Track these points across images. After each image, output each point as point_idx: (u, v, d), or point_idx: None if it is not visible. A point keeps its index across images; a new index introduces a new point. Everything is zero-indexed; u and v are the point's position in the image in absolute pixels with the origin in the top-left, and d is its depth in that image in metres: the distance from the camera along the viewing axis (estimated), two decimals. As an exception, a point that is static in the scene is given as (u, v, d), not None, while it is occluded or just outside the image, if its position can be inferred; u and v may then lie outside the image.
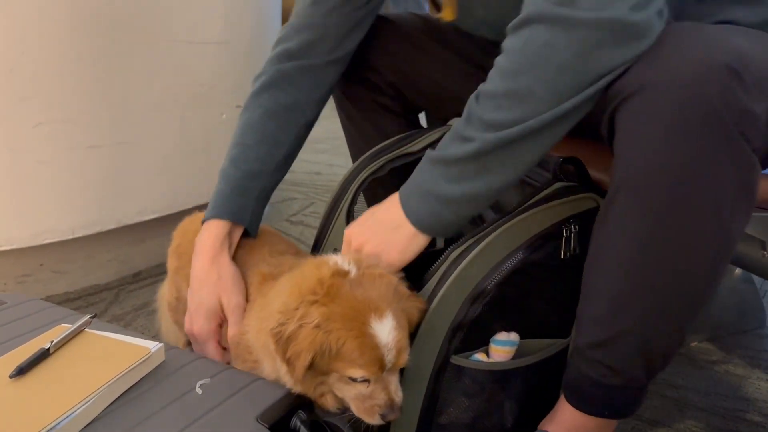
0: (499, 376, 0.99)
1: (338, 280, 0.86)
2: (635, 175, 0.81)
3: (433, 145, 1.34)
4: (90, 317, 0.92)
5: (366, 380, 0.84)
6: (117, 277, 1.81)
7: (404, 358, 0.85)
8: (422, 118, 1.52)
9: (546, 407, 1.01)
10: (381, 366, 0.83)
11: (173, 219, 1.87)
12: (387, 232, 0.94)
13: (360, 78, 1.35)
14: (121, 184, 1.70)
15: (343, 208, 1.23)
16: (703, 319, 1.59)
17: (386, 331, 0.83)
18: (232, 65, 1.92)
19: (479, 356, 0.98)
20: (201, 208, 1.92)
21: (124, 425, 0.74)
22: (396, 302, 0.87)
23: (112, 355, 0.84)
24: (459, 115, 1.22)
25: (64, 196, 1.61)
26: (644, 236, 0.83)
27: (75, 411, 0.73)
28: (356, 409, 0.86)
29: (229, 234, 1.12)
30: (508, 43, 0.83)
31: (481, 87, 0.86)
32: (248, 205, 1.15)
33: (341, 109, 1.44)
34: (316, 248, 1.26)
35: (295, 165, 1.31)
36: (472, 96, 0.87)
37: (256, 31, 2.01)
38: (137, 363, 0.82)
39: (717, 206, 0.79)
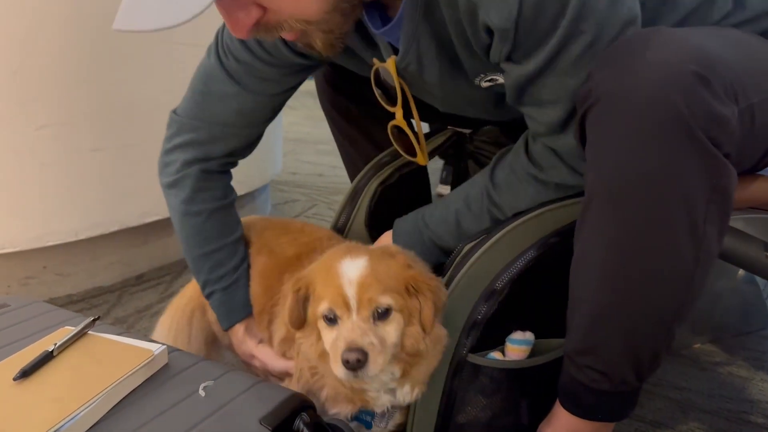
0: (515, 374, 1.00)
1: (342, 246, 0.94)
2: (606, 183, 0.81)
3: (437, 150, 1.35)
4: (93, 319, 0.92)
5: (334, 320, 0.86)
6: (120, 279, 1.81)
7: (369, 296, 0.85)
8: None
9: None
10: (344, 299, 0.85)
11: (176, 221, 1.88)
12: None
13: (349, 92, 1.36)
14: (124, 187, 1.70)
15: (355, 217, 1.25)
16: (706, 321, 1.59)
17: (352, 267, 0.87)
18: (234, 67, 1.92)
19: (495, 355, 0.99)
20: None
21: (127, 427, 0.74)
22: (383, 261, 0.89)
23: (116, 358, 0.84)
24: (451, 122, 1.23)
25: (68, 199, 1.61)
26: (619, 244, 0.83)
27: (79, 413, 0.73)
28: (331, 361, 0.86)
29: (247, 327, 1.18)
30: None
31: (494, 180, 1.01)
32: (245, 292, 1.20)
33: (332, 122, 1.45)
34: None
35: (298, 167, 1.32)
36: (489, 184, 1.01)
37: (259, 33, 2.02)
38: (141, 365, 0.82)
39: (689, 211, 0.79)
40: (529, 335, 1.00)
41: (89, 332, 0.91)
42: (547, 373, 1.01)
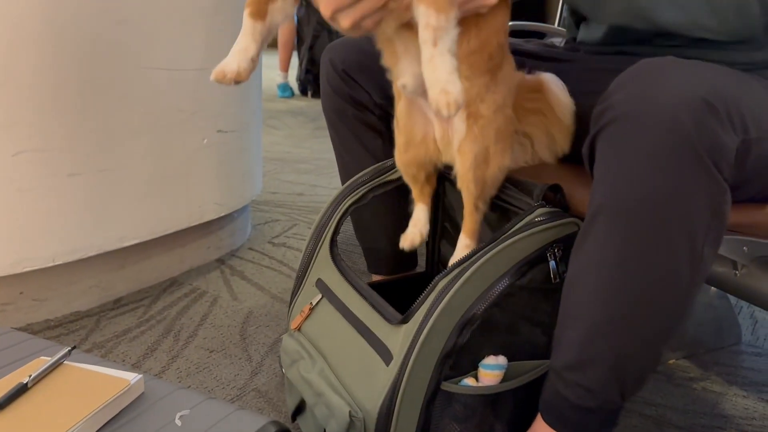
0: (489, 399, 1.00)
1: None
2: (612, 202, 0.84)
3: None
4: (69, 349, 0.92)
5: None
6: (98, 303, 1.80)
7: None
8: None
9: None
10: None
11: (154, 245, 1.88)
12: None
13: (348, 95, 1.38)
14: (102, 211, 1.69)
15: (326, 237, 1.25)
16: (681, 337, 1.61)
17: None
18: (212, 91, 1.93)
19: (468, 381, 1.00)
20: (183, 233, 1.94)
21: (103, 459, 0.74)
22: None
23: (92, 388, 0.84)
24: None
25: (45, 224, 1.60)
26: (620, 262, 0.85)
27: (53, 446, 0.73)
28: None
29: None
30: None
31: None
32: None
33: (330, 123, 1.49)
34: (300, 279, 1.28)
35: (278, 186, 1.32)
36: None
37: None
38: (117, 395, 0.82)
39: (691, 233, 0.82)
40: (501, 359, 1.01)
41: (65, 362, 0.91)
42: (522, 395, 1.02)
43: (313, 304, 1.21)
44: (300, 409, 1.18)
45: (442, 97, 0.82)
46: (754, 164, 0.92)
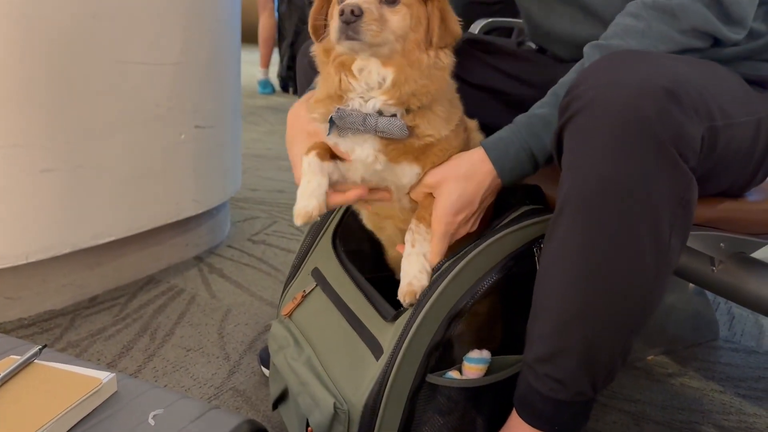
0: (472, 392, 1.01)
1: None
2: (578, 192, 0.84)
3: None
4: (40, 348, 0.90)
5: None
6: (72, 302, 1.77)
7: None
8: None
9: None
10: None
11: (130, 242, 1.85)
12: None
13: None
14: (76, 208, 1.66)
15: (329, 227, 1.25)
16: (659, 333, 1.62)
17: None
18: (190, 86, 1.91)
19: (453, 374, 1.01)
20: (160, 230, 1.92)
21: (73, 460, 0.73)
22: None
23: (63, 387, 0.82)
24: None
25: (18, 221, 1.57)
26: (585, 253, 0.85)
27: (22, 447, 0.71)
28: (331, 31, 0.92)
29: None
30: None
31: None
32: None
33: None
34: (297, 267, 1.27)
35: (258, 183, 1.30)
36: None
37: (214, 52, 2.01)
38: (88, 395, 0.81)
39: (655, 222, 0.82)
40: (485, 353, 1.02)
41: (35, 361, 0.88)
42: (503, 390, 1.02)
43: (306, 292, 1.20)
44: (283, 397, 1.17)
45: (407, 288, 0.98)
46: (723, 152, 0.92)
